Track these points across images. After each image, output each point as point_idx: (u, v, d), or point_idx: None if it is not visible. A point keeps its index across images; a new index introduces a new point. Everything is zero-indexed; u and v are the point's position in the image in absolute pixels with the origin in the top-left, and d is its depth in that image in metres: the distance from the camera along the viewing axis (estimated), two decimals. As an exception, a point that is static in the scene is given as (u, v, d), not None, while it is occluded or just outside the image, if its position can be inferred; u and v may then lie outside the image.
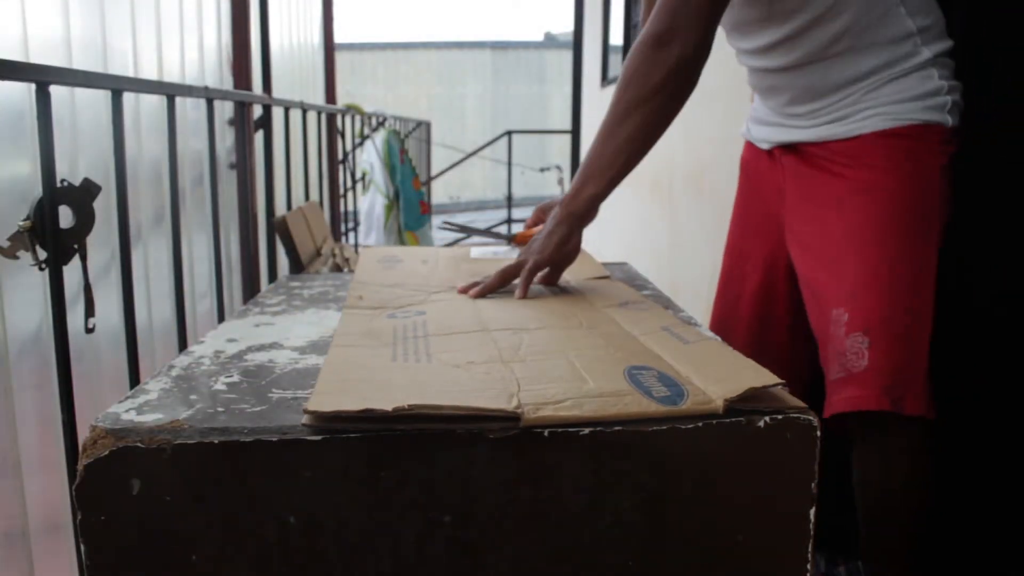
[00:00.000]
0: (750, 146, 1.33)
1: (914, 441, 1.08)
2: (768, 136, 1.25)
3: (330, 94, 4.55)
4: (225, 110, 2.62)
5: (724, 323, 1.34)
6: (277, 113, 2.28)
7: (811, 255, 1.16)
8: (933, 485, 1.12)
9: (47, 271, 0.97)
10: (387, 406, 0.60)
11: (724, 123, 2.26)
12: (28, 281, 1.42)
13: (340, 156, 4.18)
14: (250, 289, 2.65)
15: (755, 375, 0.68)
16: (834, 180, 1.13)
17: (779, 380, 0.66)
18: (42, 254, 0.97)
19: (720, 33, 1.29)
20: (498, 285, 1.06)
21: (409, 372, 0.71)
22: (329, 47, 4.56)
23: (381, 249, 1.41)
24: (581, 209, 1.08)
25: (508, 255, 1.32)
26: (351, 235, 4.08)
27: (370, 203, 4.25)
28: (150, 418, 0.63)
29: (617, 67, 5.03)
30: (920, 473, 1.10)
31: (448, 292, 1.08)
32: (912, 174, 1.07)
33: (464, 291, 1.05)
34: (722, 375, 0.69)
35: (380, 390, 0.66)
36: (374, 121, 4.56)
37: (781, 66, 1.15)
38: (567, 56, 6.70)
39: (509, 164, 7.73)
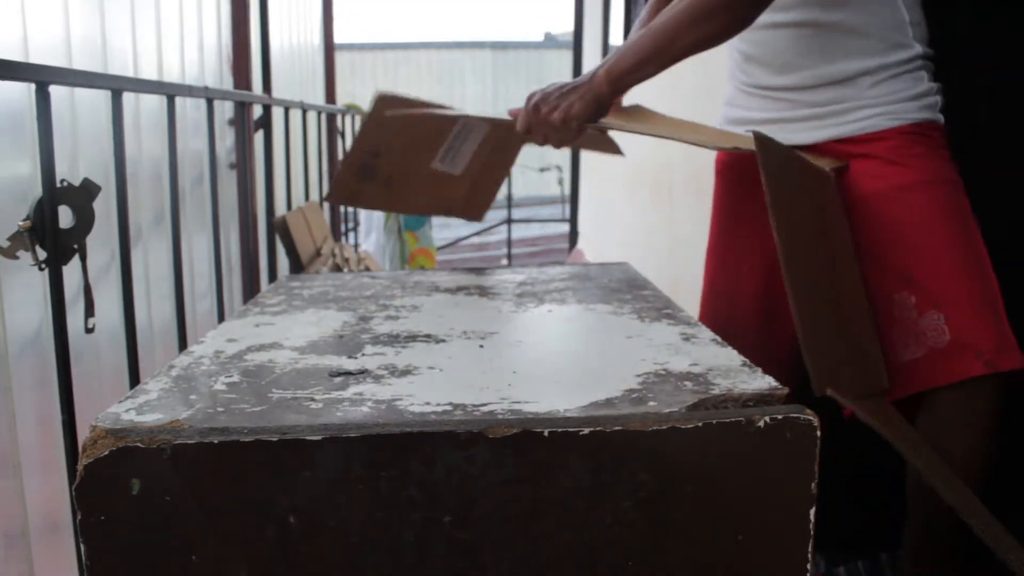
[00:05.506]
0: None
1: (995, 404, 1.07)
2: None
3: (330, 94, 4.55)
4: (225, 110, 2.61)
5: (726, 324, 1.32)
6: (277, 113, 2.28)
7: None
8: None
9: (47, 271, 0.97)
10: None
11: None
12: (28, 281, 1.42)
13: (340, 156, 4.18)
14: (250, 289, 2.65)
15: None
16: (860, 177, 1.13)
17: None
18: (42, 254, 0.97)
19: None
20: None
21: None
22: (329, 47, 4.56)
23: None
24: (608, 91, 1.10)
25: None
26: (351, 235, 4.08)
27: (370, 203, 4.24)
28: (150, 418, 0.63)
29: (617, 67, 5.01)
30: (994, 436, 1.09)
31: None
32: (941, 165, 1.10)
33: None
34: None
35: None
36: (374, 121, 4.55)
37: (776, 22, 1.14)
38: (567, 56, 6.68)
39: (509, 164, 7.73)
